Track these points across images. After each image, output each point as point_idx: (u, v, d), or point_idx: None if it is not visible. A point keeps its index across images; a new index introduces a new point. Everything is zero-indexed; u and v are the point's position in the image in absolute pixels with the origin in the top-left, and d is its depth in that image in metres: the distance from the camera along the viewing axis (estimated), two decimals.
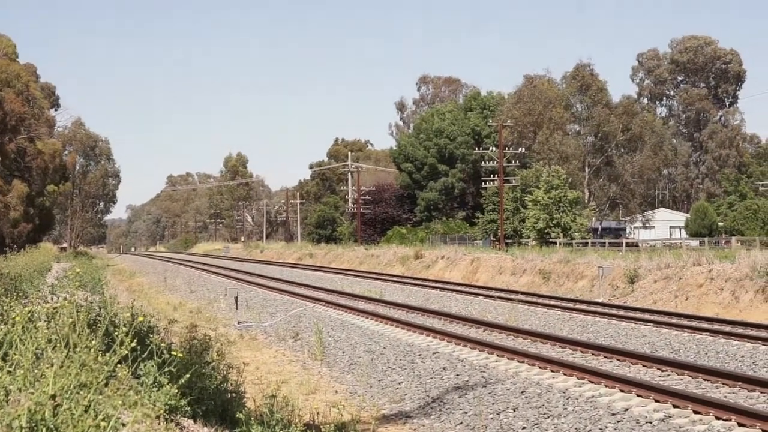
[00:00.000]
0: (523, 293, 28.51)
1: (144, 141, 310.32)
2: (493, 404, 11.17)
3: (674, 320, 19.72)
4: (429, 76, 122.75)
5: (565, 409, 10.55)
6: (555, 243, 51.42)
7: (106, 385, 4.45)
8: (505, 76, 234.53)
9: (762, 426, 8.96)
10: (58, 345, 4.77)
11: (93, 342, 4.76)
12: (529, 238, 57.31)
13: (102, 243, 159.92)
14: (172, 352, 6.34)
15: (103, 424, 3.92)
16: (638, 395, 10.79)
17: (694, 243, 53.16)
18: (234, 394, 8.22)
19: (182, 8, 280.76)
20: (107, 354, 4.70)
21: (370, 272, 46.14)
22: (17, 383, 4.31)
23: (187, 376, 5.98)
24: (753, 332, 17.04)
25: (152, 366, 5.91)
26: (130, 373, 4.96)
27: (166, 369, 5.95)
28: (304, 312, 23.45)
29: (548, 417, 10.37)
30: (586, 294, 29.08)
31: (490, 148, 64.07)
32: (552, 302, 25.09)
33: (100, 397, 4.28)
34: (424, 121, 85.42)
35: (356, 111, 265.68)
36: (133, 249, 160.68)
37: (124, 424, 4.14)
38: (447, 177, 79.28)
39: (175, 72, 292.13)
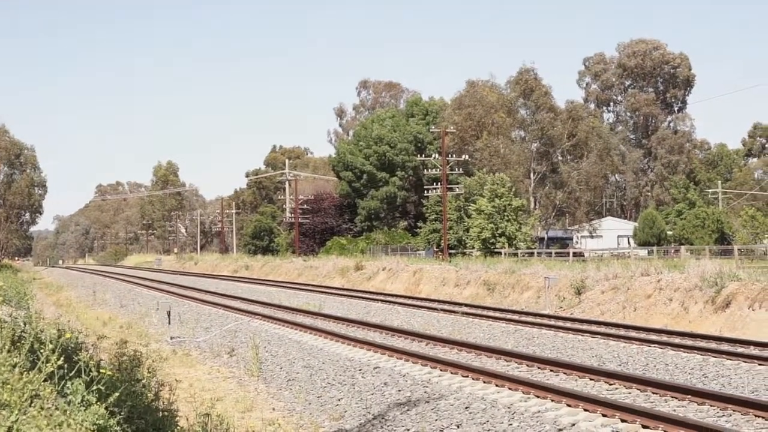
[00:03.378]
0: (467, 305, 28.33)
1: (71, 149, 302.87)
2: (436, 420, 10.91)
3: (622, 332, 19.68)
4: (369, 80, 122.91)
5: (511, 425, 10.34)
6: (500, 253, 51.48)
7: (31, 404, 4.37)
8: (448, 82, 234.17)
9: None
10: None
11: (16, 359, 4.69)
12: (473, 248, 57.00)
13: (28, 255, 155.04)
14: (101, 370, 6.07)
15: None
16: (585, 410, 10.65)
17: (643, 252, 53.20)
18: (166, 413, 7.86)
19: (110, 12, 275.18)
20: (32, 372, 4.60)
21: (308, 284, 45.70)
22: None
23: (117, 394, 5.72)
24: (702, 344, 17.10)
25: (80, 384, 5.62)
26: (56, 391, 4.92)
27: (95, 387, 5.67)
28: (240, 326, 22.89)
29: None
30: (532, 305, 28.98)
31: (433, 155, 63.51)
32: (497, 314, 24.92)
33: (24, 417, 4.19)
34: (364, 128, 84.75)
35: (295, 117, 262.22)
36: (60, 261, 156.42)
37: None
38: (388, 185, 78.57)
39: (103, 77, 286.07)
